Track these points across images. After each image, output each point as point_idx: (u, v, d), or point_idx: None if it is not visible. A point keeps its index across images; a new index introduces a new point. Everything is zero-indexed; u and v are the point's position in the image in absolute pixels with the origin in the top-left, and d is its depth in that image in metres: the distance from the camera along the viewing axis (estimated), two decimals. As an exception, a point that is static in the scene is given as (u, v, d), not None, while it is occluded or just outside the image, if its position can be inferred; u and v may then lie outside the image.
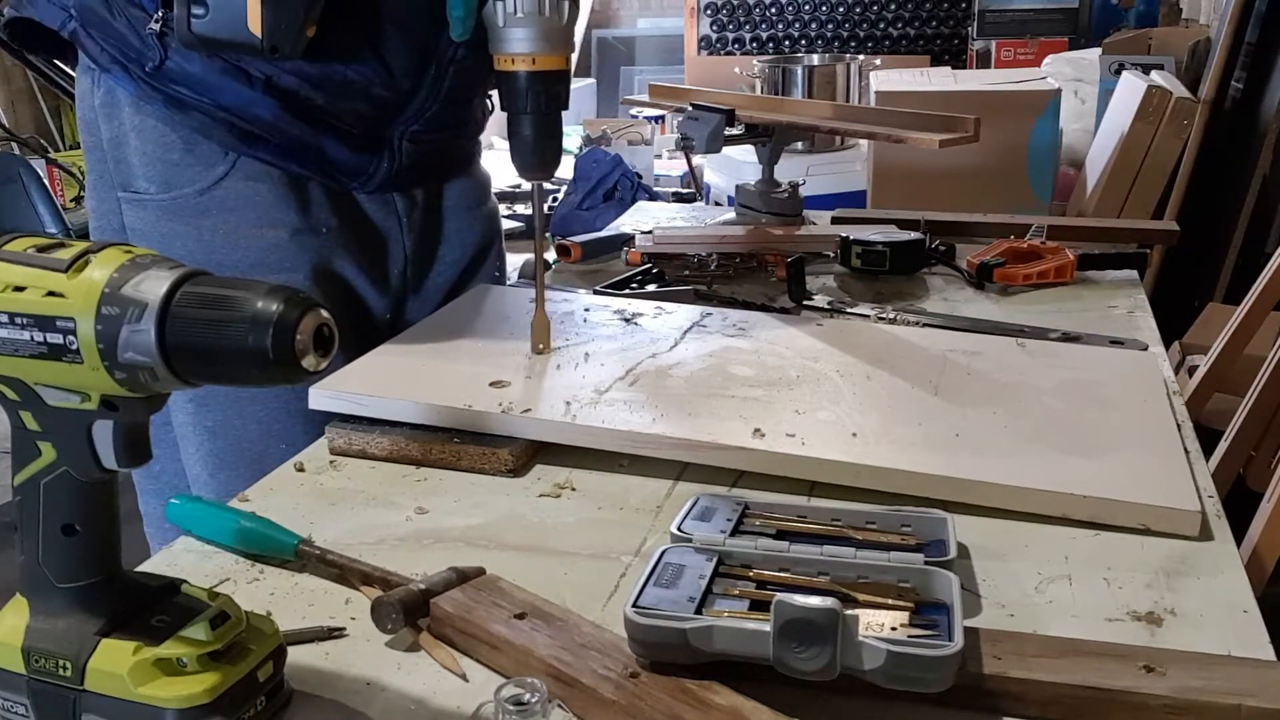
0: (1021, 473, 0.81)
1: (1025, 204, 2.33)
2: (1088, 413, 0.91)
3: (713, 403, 0.92)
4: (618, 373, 0.99)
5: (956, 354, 1.04)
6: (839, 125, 1.53)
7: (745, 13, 4.37)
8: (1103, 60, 3.20)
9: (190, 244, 1.02)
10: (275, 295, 0.51)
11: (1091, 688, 0.59)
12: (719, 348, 1.05)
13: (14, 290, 0.53)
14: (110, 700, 0.57)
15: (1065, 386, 0.96)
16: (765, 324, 1.13)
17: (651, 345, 1.06)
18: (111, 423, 0.55)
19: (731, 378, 0.98)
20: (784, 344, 1.06)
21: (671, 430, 0.87)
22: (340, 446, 0.93)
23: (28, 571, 0.59)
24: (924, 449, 0.84)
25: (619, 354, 1.03)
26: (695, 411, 0.91)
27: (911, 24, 4.28)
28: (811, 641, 0.57)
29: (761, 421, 0.88)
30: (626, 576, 0.74)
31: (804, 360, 1.02)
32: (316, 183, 1.08)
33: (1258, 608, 0.68)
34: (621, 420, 0.89)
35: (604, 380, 0.97)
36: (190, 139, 1.02)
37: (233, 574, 0.76)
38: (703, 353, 1.04)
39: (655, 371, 0.99)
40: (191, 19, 0.91)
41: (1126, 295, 1.29)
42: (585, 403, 0.92)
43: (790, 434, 0.86)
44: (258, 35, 0.91)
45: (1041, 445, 0.86)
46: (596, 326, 1.11)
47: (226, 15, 0.91)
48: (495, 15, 0.91)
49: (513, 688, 0.56)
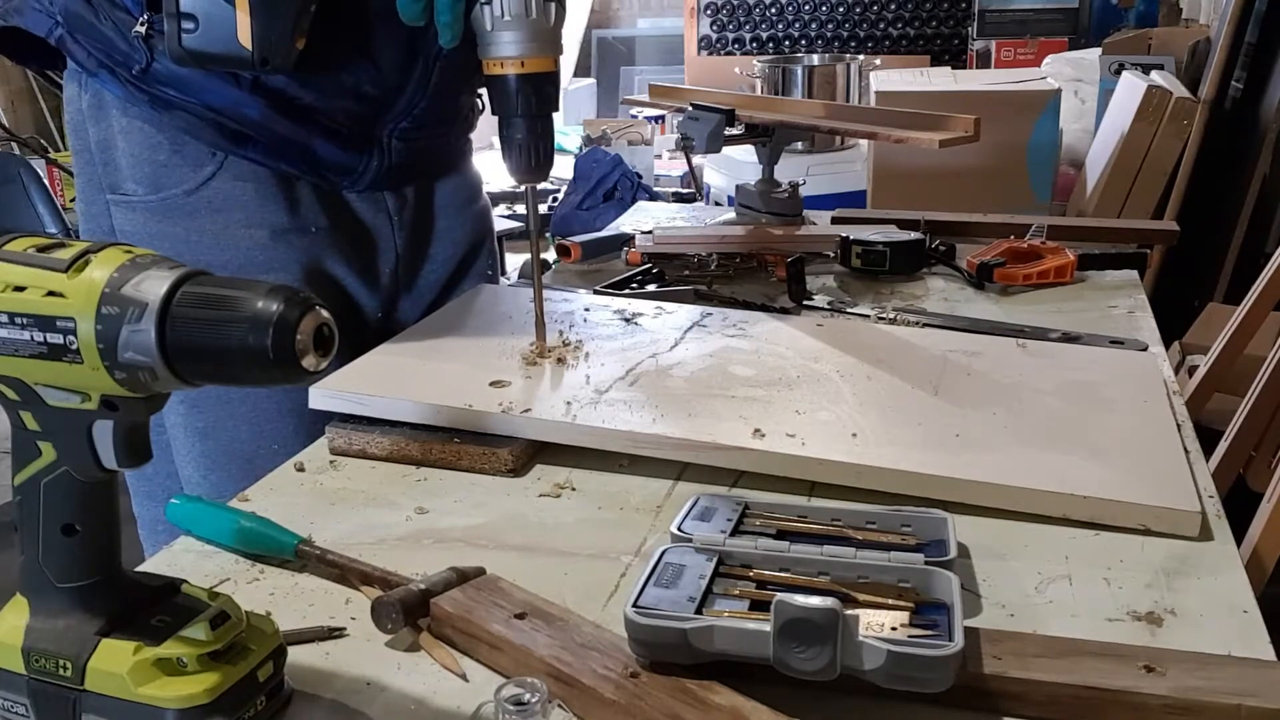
0: (1022, 473, 0.81)
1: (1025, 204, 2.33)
2: (1088, 413, 0.91)
3: (713, 403, 0.92)
4: (618, 373, 0.99)
5: (956, 354, 1.04)
6: (839, 125, 1.53)
7: (745, 13, 4.37)
8: (1103, 60, 3.20)
9: (179, 245, 1.03)
10: (275, 295, 0.51)
11: (1092, 688, 0.59)
12: (719, 347, 1.05)
13: (14, 290, 0.53)
14: (110, 700, 0.57)
15: (1065, 387, 0.96)
16: (765, 324, 1.13)
17: (652, 345, 1.06)
18: (111, 423, 0.55)
19: (732, 378, 0.98)
20: (784, 344, 1.06)
21: (672, 430, 0.87)
22: (340, 446, 0.93)
23: (28, 571, 0.59)
24: (924, 449, 0.84)
25: (619, 354, 1.03)
26: (695, 412, 0.91)
27: (911, 24, 4.28)
28: (812, 641, 0.57)
29: (762, 422, 0.88)
30: (626, 576, 0.74)
31: (804, 360, 1.02)
32: (305, 182, 1.08)
33: (1258, 608, 0.68)
34: (622, 420, 0.89)
35: (604, 380, 0.97)
36: (177, 140, 1.02)
37: (233, 574, 0.76)
38: (703, 353, 1.04)
39: (656, 372, 0.99)
40: (182, 34, 0.92)
41: (1127, 295, 1.29)
42: (585, 403, 0.92)
43: (790, 434, 0.86)
44: (248, 48, 0.91)
45: (1042, 446, 0.86)
46: (596, 326, 1.11)
47: (217, 29, 0.91)
48: (483, 20, 0.91)
49: (513, 688, 0.56)
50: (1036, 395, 0.95)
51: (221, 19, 0.90)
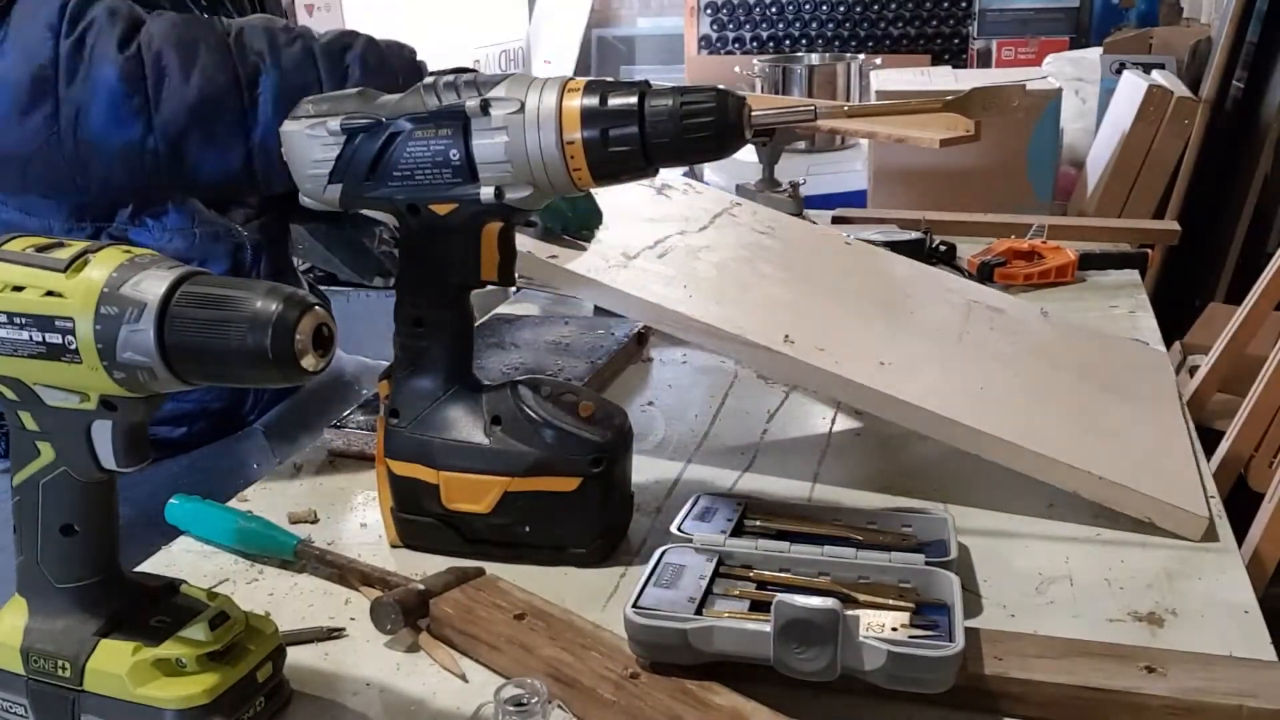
0: (1040, 440, 0.79)
1: (1026, 204, 2.33)
2: (1103, 396, 0.90)
3: (743, 295, 0.89)
4: (646, 241, 0.94)
5: (980, 306, 1.01)
6: (839, 125, 1.53)
7: (745, 12, 4.36)
8: (1104, 60, 3.19)
9: None
10: (274, 295, 0.50)
11: (1092, 688, 0.58)
12: (750, 242, 1.00)
13: (13, 290, 0.53)
14: (109, 701, 0.57)
15: (1083, 366, 0.95)
16: (795, 229, 1.08)
17: (682, 222, 1.01)
18: (110, 423, 0.55)
19: (762, 275, 0.94)
20: (812, 251, 1.01)
21: (700, 314, 0.83)
22: (339, 447, 0.93)
23: (27, 572, 0.59)
24: (949, 394, 0.82)
25: (647, 223, 0.98)
26: (723, 300, 0.87)
27: (912, 23, 4.28)
28: (812, 642, 0.57)
29: (791, 328, 0.84)
30: (626, 576, 0.74)
31: (833, 275, 0.98)
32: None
33: (1259, 608, 0.68)
34: (651, 292, 0.84)
35: (631, 245, 0.92)
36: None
37: (232, 574, 0.76)
38: (733, 242, 0.99)
39: (684, 250, 0.95)
40: None
41: (1127, 295, 1.29)
42: (614, 264, 0.87)
43: (820, 348, 0.83)
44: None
45: (1059, 418, 0.84)
46: (625, 187, 1.08)
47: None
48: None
49: (513, 688, 0.56)
50: (1056, 368, 0.93)
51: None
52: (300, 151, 0.73)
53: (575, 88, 0.68)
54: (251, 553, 0.78)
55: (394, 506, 0.77)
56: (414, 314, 0.74)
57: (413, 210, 0.72)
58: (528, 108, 0.68)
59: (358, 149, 0.71)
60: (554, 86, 0.68)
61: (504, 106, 0.68)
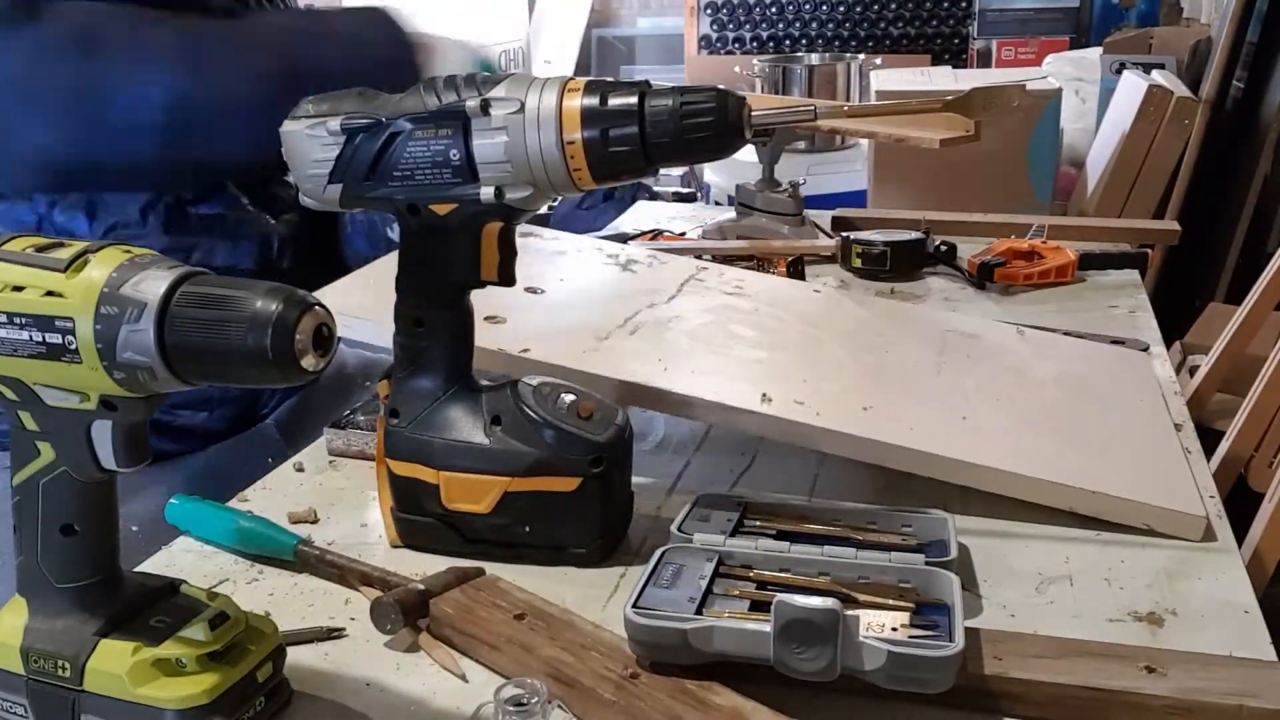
0: (1029, 462, 0.80)
1: (1026, 204, 2.33)
2: (1088, 408, 0.91)
3: (717, 359, 0.90)
4: (616, 320, 0.95)
5: (955, 335, 1.03)
6: (839, 125, 1.53)
7: (745, 12, 4.36)
8: (1104, 59, 3.19)
9: None
10: (274, 295, 0.50)
11: (1092, 688, 0.58)
12: (718, 304, 1.02)
13: (13, 290, 0.53)
14: (109, 701, 0.57)
15: (1064, 379, 0.95)
16: (762, 284, 1.10)
17: (649, 295, 1.02)
18: (110, 423, 0.55)
19: (733, 337, 0.95)
20: (782, 307, 1.03)
21: (678, 386, 0.84)
22: (339, 448, 0.93)
23: (27, 572, 0.59)
24: (933, 430, 0.83)
25: (617, 300, 1.00)
26: (699, 369, 0.88)
27: (912, 23, 4.28)
28: (812, 642, 0.57)
29: (767, 386, 0.85)
30: (626, 576, 0.74)
31: (804, 326, 0.99)
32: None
33: (1259, 608, 0.68)
34: (626, 370, 0.85)
35: (601, 326, 0.93)
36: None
37: (232, 574, 0.76)
38: (702, 308, 1.01)
39: (654, 322, 0.96)
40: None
41: (1128, 295, 1.29)
42: (587, 348, 0.88)
43: (800, 401, 0.84)
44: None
45: (1046, 437, 0.85)
46: (591, 269, 1.08)
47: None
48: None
49: (513, 688, 0.56)
50: (1037, 385, 0.94)
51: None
52: (300, 151, 0.73)
53: (575, 88, 0.68)
54: (251, 553, 0.78)
55: (394, 506, 0.77)
56: (414, 314, 0.74)
57: (413, 210, 0.72)
58: (528, 108, 0.68)
59: (358, 149, 0.71)
60: (554, 86, 0.68)
61: (504, 106, 0.68)
